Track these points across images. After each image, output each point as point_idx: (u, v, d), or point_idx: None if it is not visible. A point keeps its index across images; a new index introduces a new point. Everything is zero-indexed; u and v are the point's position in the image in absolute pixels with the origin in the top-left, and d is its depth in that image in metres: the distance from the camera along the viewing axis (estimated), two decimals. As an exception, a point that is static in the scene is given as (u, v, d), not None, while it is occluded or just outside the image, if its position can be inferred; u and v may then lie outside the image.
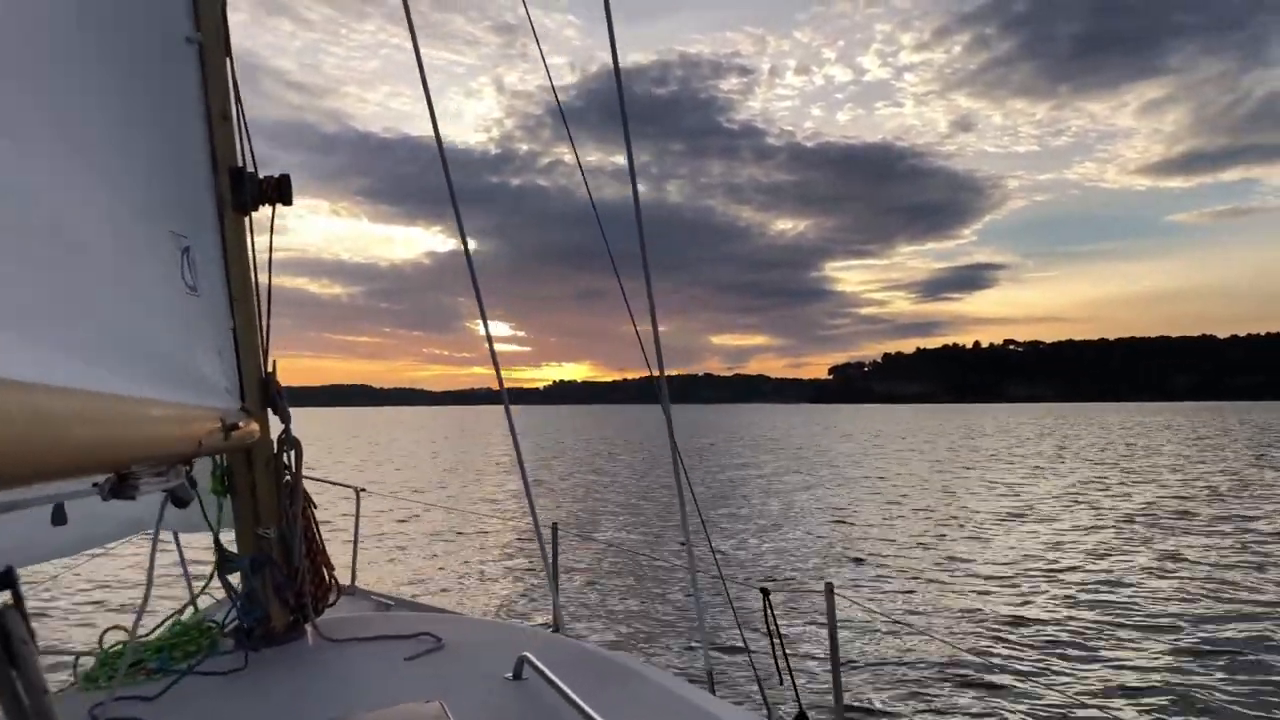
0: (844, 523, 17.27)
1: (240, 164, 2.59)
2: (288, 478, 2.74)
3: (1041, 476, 27.67)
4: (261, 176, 2.65)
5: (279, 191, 2.65)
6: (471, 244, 3.54)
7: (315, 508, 3.07)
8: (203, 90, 2.51)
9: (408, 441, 57.27)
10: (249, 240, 2.62)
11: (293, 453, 2.74)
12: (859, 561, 13.03)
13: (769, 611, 3.77)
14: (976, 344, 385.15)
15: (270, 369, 2.68)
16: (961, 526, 16.69)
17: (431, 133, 3.48)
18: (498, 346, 3.66)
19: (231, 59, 2.58)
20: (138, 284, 2.13)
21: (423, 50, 3.42)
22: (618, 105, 3.05)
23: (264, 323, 2.68)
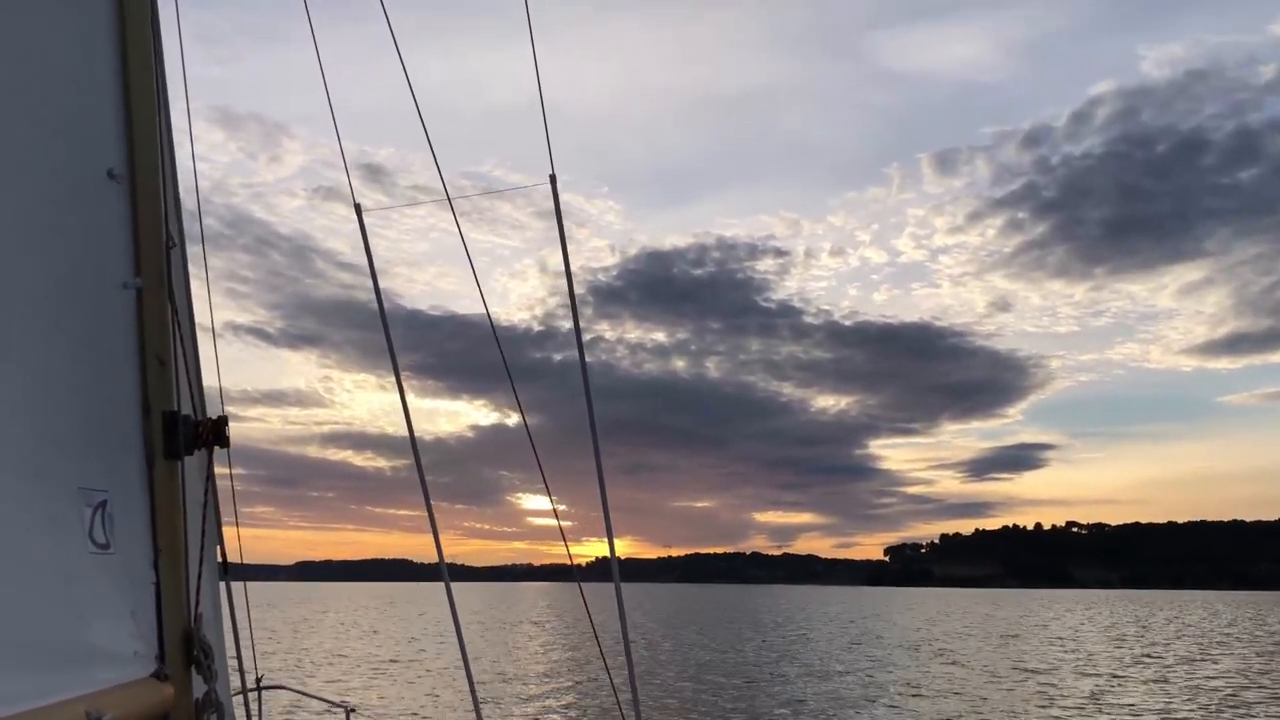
0: None
1: (176, 408, 2.47)
2: None
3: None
4: (197, 420, 2.52)
5: (215, 434, 2.52)
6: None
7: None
8: (138, 335, 2.43)
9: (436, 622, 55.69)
10: (180, 488, 2.46)
11: (214, 716, 2.47)
12: None
13: None
14: (1038, 525, 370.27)
15: (195, 623, 2.46)
16: None
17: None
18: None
19: (175, 302, 2.52)
20: (17, 561, 1.97)
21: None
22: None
23: (194, 572, 2.49)
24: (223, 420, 2.54)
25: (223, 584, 2.82)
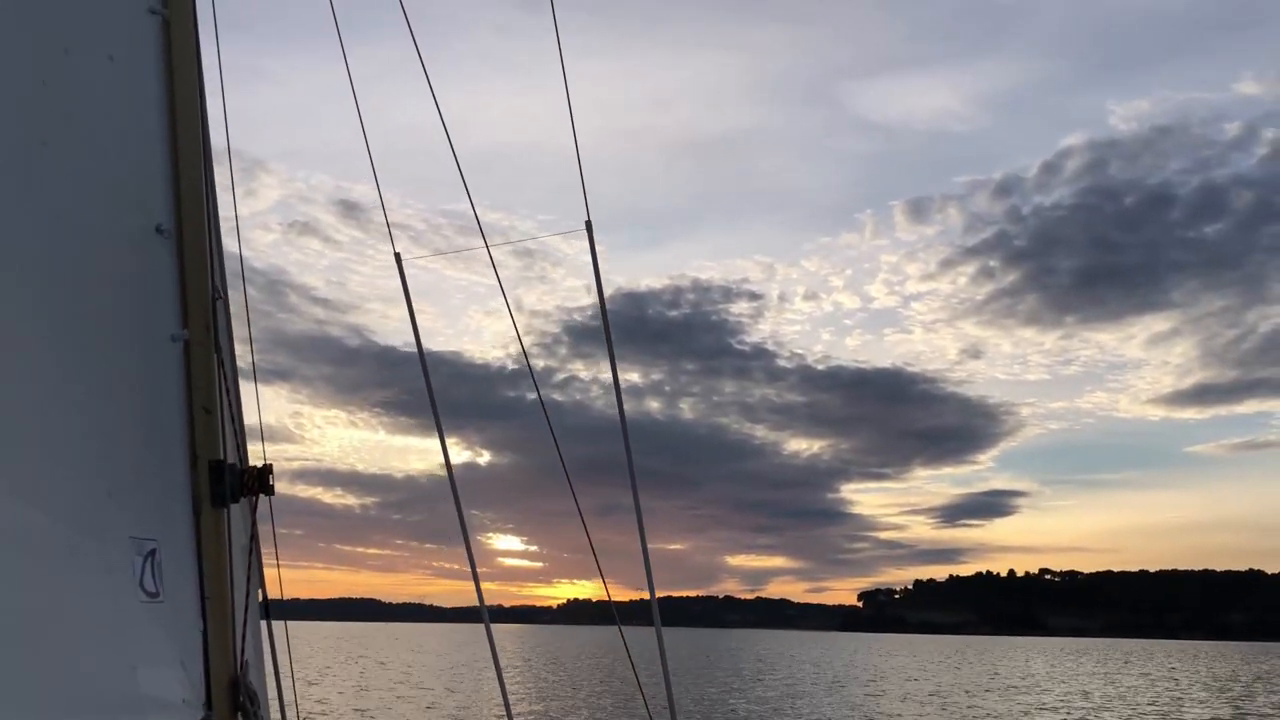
0: None
1: (222, 456, 2.50)
2: None
3: None
4: (242, 468, 2.55)
5: (260, 482, 2.55)
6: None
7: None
8: (185, 385, 2.47)
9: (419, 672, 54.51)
10: (226, 535, 2.48)
11: None
12: None
13: None
14: (1011, 572, 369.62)
15: (240, 669, 2.47)
16: None
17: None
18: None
19: (220, 352, 2.56)
20: (71, 612, 1.99)
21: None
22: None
23: (239, 618, 2.50)
24: (268, 468, 2.57)
25: (264, 625, 2.84)
